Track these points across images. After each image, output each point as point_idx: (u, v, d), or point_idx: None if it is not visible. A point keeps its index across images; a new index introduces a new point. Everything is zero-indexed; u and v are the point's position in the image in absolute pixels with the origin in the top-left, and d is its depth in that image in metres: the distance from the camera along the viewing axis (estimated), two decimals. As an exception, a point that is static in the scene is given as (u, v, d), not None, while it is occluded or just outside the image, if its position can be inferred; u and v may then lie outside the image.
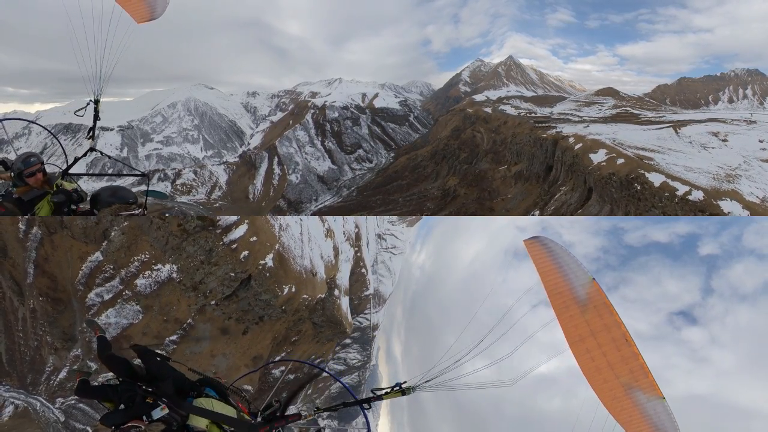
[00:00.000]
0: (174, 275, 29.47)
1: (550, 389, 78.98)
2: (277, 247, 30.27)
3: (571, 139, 73.04)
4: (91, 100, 8.42)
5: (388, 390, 6.33)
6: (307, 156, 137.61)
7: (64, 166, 7.88)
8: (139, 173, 9.32)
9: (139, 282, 29.89)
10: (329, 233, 39.88)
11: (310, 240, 34.67)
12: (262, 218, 30.29)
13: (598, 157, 61.96)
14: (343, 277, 43.11)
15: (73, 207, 7.09)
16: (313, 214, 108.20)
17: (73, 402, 34.20)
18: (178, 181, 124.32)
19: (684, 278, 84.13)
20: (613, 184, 54.69)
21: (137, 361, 6.73)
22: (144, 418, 5.87)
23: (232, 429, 5.97)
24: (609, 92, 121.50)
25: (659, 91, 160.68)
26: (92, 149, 8.20)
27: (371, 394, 6.33)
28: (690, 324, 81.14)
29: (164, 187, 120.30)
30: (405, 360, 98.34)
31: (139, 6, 8.76)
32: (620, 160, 57.52)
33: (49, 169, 7.45)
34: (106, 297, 30.24)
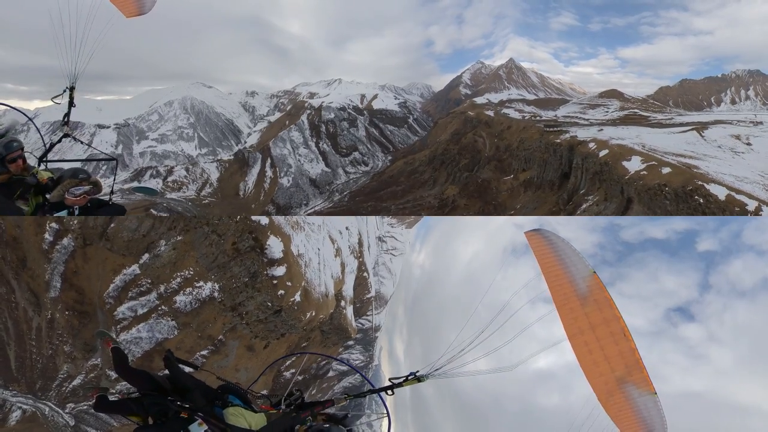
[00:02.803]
0: (216, 294, 29.92)
1: (548, 385, 79.85)
2: (303, 284, 32.12)
3: (592, 145, 70.25)
4: (67, 87, 8.49)
5: (405, 378, 6.72)
6: (300, 158, 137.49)
7: (49, 157, 8.05)
8: (108, 157, 9.33)
9: (179, 299, 29.98)
10: (338, 252, 41.59)
11: (324, 266, 36.22)
12: (295, 264, 31.64)
13: (633, 164, 58.83)
14: (348, 288, 45.34)
15: (47, 196, 6.97)
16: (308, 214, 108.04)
17: (85, 407, 34.27)
18: (170, 178, 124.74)
19: (681, 274, 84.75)
20: (666, 195, 50.85)
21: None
22: None
23: None
24: (613, 94, 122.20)
25: (662, 93, 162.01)
26: (66, 135, 8.33)
27: (389, 383, 6.70)
28: (687, 320, 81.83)
29: (156, 183, 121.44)
30: (407, 359, 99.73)
31: (128, 0, 8.81)
32: (666, 169, 54.36)
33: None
34: (140, 311, 30.21)
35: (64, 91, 8.50)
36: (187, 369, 6.73)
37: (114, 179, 8.31)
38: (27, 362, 34.18)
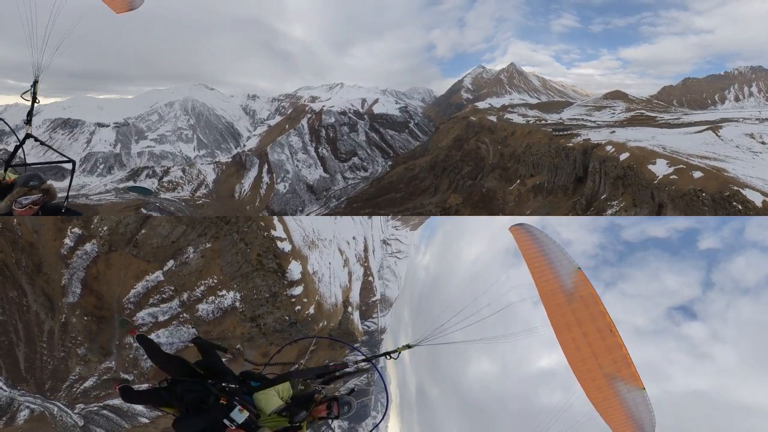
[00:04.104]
0: (237, 304, 30.43)
1: (550, 383, 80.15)
2: (317, 297, 33.14)
3: (609, 148, 69.25)
4: (33, 81, 7.89)
5: (398, 350, 7.21)
6: (298, 163, 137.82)
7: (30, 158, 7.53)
8: (66, 159, 7.95)
9: (202, 307, 30.37)
10: (346, 263, 42.84)
11: (334, 278, 37.16)
12: (310, 282, 32.91)
13: (660, 168, 57.94)
14: (355, 295, 46.58)
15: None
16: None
17: (95, 408, 34.64)
18: (166, 179, 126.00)
19: (683, 273, 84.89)
20: (704, 201, 49.83)
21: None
22: (226, 422, 5.59)
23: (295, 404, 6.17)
24: (618, 95, 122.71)
25: (665, 93, 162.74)
26: (29, 136, 7.54)
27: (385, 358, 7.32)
28: (690, 319, 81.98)
29: (151, 183, 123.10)
30: (413, 360, 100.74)
31: None
32: (697, 173, 53.40)
33: None
34: (161, 318, 30.52)
35: (32, 85, 7.89)
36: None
37: (71, 183, 8.15)
38: (37, 363, 34.52)
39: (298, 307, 32.46)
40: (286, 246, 31.15)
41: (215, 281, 30.84)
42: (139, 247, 30.19)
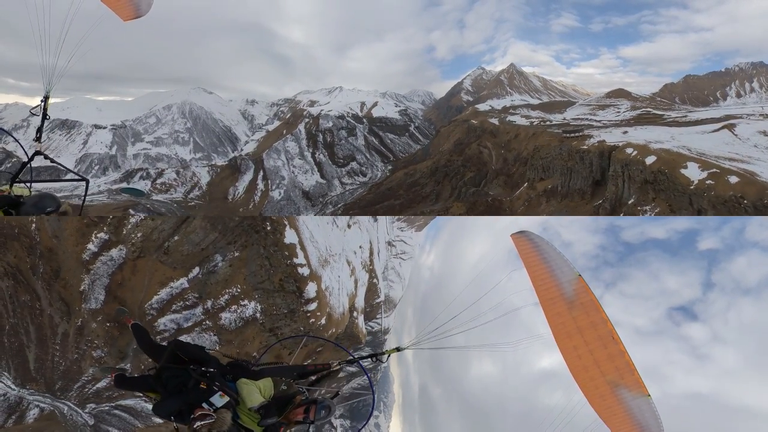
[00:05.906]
0: (258, 315, 31.27)
1: (550, 384, 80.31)
2: (327, 310, 34.55)
3: (630, 150, 67.73)
4: (43, 97, 7.81)
5: (386, 352, 7.61)
6: (294, 169, 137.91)
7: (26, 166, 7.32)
8: (79, 177, 8.03)
9: (224, 316, 30.89)
10: (353, 272, 44.08)
11: (342, 289, 38.38)
12: (323, 297, 34.38)
13: (692, 172, 56.78)
14: (360, 300, 48.26)
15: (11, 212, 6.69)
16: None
17: (107, 408, 35.06)
18: (159, 180, 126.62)
19: (683, 273, 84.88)
20: (746, 209, 49.40)
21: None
22: (204, 405, 5.89)
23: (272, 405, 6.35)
24: (621, 94, 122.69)
25: (667, 90, 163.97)
26: (38, 153, 7.37)
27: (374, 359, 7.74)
28: (690, 320, 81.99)
29: (144, 185, 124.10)
30: (416, 360, 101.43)
31: (124, 3, 8.77)
32: (733, 178, 52.65)
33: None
34: (184, 325, 31.00)
35: (42, 101, 7.76)
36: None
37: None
38: (47, 364, 34.95)
39: (312, 320, 34.06)
40: (305, 271, 32.26)
41: (239, 290, 31.46)
42: (169, 253, 30.50)
